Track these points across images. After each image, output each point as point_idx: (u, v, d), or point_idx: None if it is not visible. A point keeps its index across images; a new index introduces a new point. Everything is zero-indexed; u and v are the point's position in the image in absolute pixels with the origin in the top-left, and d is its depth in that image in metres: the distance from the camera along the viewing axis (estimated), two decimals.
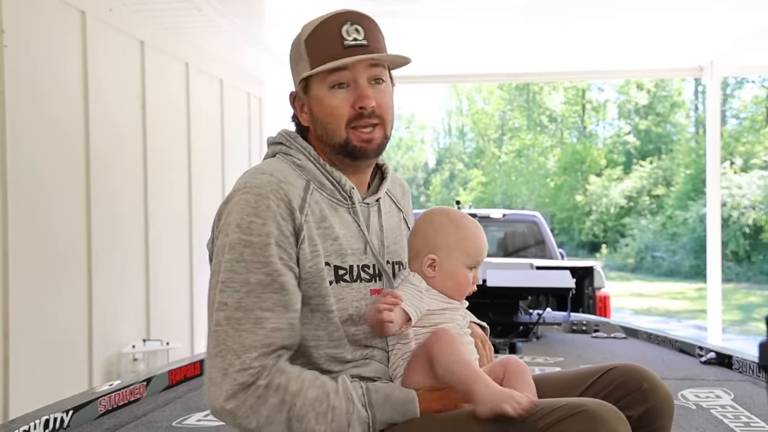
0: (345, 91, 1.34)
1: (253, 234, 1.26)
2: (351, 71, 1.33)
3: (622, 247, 23.69)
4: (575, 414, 1.12)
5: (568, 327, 4.21)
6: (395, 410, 1.26)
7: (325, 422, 1.22)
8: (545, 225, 6.82)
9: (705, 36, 6.11)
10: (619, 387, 1.33)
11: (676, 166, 24.29)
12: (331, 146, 1.37)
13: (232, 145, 6.30)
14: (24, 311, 3.58)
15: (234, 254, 1.26)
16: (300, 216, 1.30)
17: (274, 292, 1.25)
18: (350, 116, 1.34)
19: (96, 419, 2.18)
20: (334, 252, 1.33)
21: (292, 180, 1.33)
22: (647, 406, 1.31)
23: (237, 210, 1.28)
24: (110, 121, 4.44)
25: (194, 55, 5.62)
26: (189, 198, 5.53)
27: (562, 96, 29.01)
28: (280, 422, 1.22)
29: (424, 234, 1.41)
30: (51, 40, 3.92)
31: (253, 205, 1.27)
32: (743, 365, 2.94)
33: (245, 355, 1.22)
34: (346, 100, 1.34)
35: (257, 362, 1.23)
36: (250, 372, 1.22)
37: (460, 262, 1.38)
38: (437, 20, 5.49)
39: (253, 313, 1.24)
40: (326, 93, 1.35)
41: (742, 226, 19.38)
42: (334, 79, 1.34)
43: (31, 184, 3.70)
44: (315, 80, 1.36)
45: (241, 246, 1.26)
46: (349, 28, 1.34)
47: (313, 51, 1.35)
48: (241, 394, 1.22)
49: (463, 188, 30.20)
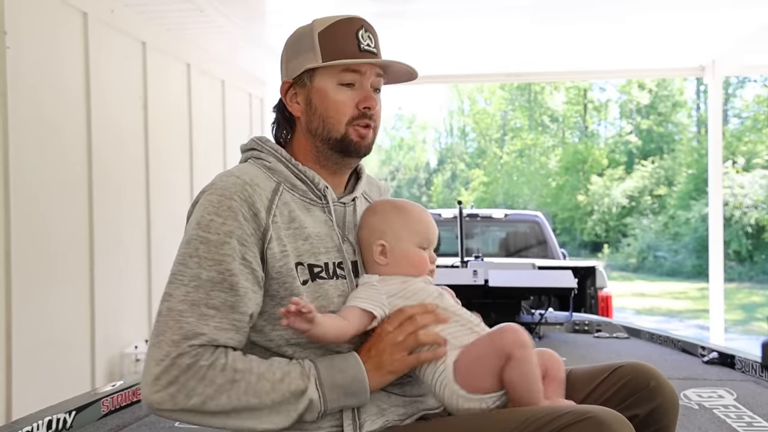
0: (351, 90, 1.38)
1: (211, 232, 1.27)
2: (362, 74, 1.38)
3: (624, 246, 23.67)
4: (581, 421, 1.12)
5: (571, 327, 4.21)
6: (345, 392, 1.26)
7: (280, 388, 1.22)
8: (547, 225, 6.81)
9: (706, 35, 6.11)
10: (626, 385, 1.33)
11: (678, 166, 24.26)
12: (324, 139, 1.39)
13: (233, 145, 6.30)
14: (26, 312, 3.59)
15: (189, 249, 1.27)
16: (266, 217, 1.31)
17: (223, 291, 1.25)
18: (353, 114, 1.38)
19: (99, 420, 2.18)
20: (306, 251, 1.33)
21: (260, 182, 1.34)
22: (654, 405, 1.31)
23: (200, 209, 1.30)
24: (112, 122, 4.44)
25: (196, 56, 5.63)
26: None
27: (564, 96, 28.99)
28: (232, 402, 1.20)
29: (369, 225, 1.41)
30: (53, 41, 3.92)
31: (215, 204, 1.29)
32: (746, 365, 2.93)
33: (185, 343, 1.21)
34: (351, 99, 1.37)
35: (199, 349, 1.21)
36: (191, 354, 1.20)
37: (410, 242, 1.38)
38: (439, 21, 5.49)
39: (199, 308, 1.23)
40: (333, 88, 1.37)
41: (744, 226, 19.35)
42: (345, 77, 1.37)
43: (34, 184, 3.70)
44: (323, 73, 1.38)
45: (198, 242, 1.27)
46: (364, 34, 1.39)
47: (328, 45, 1.37)
48: (182, 379, 1.19)
49: (465, 188, 30.19)
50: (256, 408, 1.22)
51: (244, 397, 1.21)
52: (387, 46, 1.51)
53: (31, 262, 3.64)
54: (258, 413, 1.22)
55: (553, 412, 1.15)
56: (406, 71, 1.42)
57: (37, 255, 3.71)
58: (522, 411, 1.20)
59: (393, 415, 1.32)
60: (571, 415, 1.13)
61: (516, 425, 1.16)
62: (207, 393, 1.19)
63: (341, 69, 1.36)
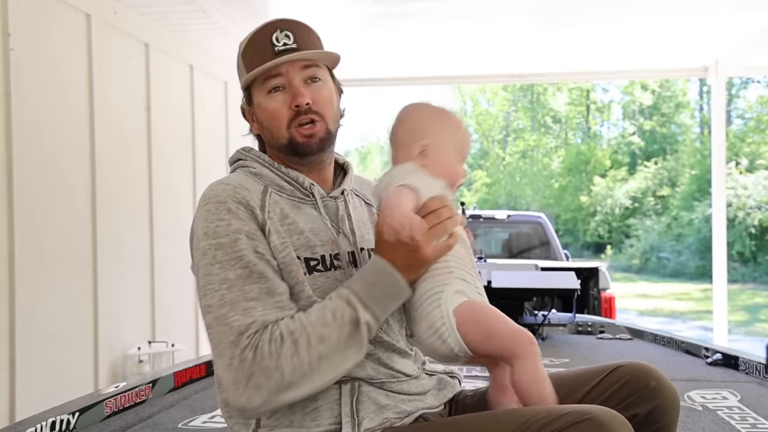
0: (282, 94, 1.40)
1: (221, 236, 1.29)
2: (285, 75, 1.40)
3: (627, 248, 23.65)
4: (581, 421, 1.11)
5: (574, 328, 4.21)
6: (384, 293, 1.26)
7: (337, 325, 1.22)
8: (550, 226, 6.81)
9: (710, 36, 6.09)
10: (626, 385, 1.33)
11: (681, 167, 24.24)
12: (278, 148, 1.43)
13: (236, 146, 6.21)
14: (30, 313, 3.59)
15: (207, 259, 1.30)
16: (261, 213, 1.34)
17: (255, 282, 1.27)
18: (289, 117, 1.40)
19: (102, 421, 2.18)
20: (302, 245, 1.35)
21: (249, 186, 1.38)
22: (654, 404, 1.31)
23: (201, 222, 1.33)
24: (115, 124, 4.45)
25: (199, 57, 5.63)
26: (194, 200, 5.54)
27: (567, 97, 28.98)
28: (305, 360, 1.21)
29: (410, 125, 1.38)
30: (56, 42, 3.93)
31: (214, 212, 1.32)
32: (750, 366, 2.93)
33: (242, 338, 1.22)
34: (283, 103, 1.40)
35: (255, 335, 1.22)
36: (250, 344, 1.21)
37: (451, 149, 1.36)
38: (441, 22, 5.48)
39: (239, 305, 1.25)
40: (265, 98, 1.42)
41: (747, 227, 19.33)
42: (269, 84, 1.40)
43: (37, 186, 3.71)
44: (255, 89, 1.44)
45: (213, 250, 1.29)
46: (279, 35, 1.41)
47: (248, 61, 1.43)
48: (255, 368, 1.20)
49: (468, 189, 30.18)
50: (329, 354, 1.22)
51: (313, 350, 1.21)
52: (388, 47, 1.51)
53: (34, 263, 3.65)
54: (334, 358, 1.23)
55: (554, 413, 1.15)
56: (326, 55, 1.43)
57: (40, 256, 3.72)
58: (522, 412, 1.20)
59: (391, 412, 1.32)
60: (572, 415, 1.13)
61: (517, 426, 1.15)
62: (282, 365, 1.20)
63: (263, 78, 1.40)
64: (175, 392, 2.62)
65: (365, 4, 4.88)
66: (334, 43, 1.52)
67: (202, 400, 2.53)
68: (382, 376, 1.35)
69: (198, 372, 2.84)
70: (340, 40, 1.65)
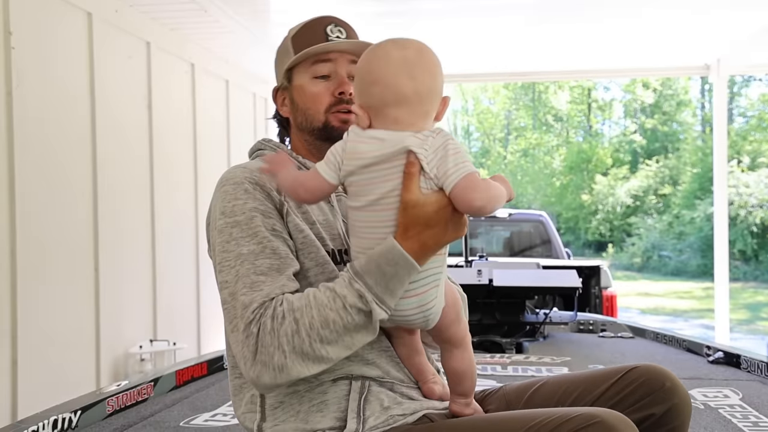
0: (326, 81, 1.44)
1: (237, 214, 1.31)
2: (333, 63, 1.44)
3: (629, 246, 23.62)
4: (589, 425, 1.11)
5: (575, 326, 4.20)
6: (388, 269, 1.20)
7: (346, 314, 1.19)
8: (551, 224, 6.81)
9: (711, 34, 6.08)
10: (642, 385, 1.34)
11: (683, 165, 24.21)
12: (310, 131, 1.46)
13: (237, 145, 6.30)
14: (31, 311, 3.60)
15: (223, 237, 1.31)
16: (278, 195, 1.35)
17: (267, 258, 1.27)
18: (330, 102, 1.43)
19: (104, 419, 2.18)
20: (315, 235, 1.36)
21: None
22: (670, 405, 1.33)
23: (218, 202, 1.35)
24: (116, 122, 4.45)
25: (200, 56, 5.63)
26: (195, 198, 5.54)
27: (568, 95, 28.95)
28: (305, 341, 1.18)
29: (434, 72, 1.24)
30: (58, 41, 3.93)
31: (231, 192, 1.34)
32: (751, 365, 2.93)
33: (247, 313, 1.22)
34: (327, 89, 1.44)
35: (260, 310, 1.21)
36: (255, 319, 1.21)
37: None
38: (442, 20, 5.48)
39: (249, 278, 1.25)
40: (308, 82, 1.45)
41: (749, 225, 19.30)
42: (317, 69, 1.44)
43: (39, 184, 3.71)
44: (298, 71, 1.46)
45: (229, 228, 1.31)
46: (333, 29, 1.47)
47: (299, 44, 1.45)
48: (259, 344, 1.19)
49: None
50: (333, 340, 1.20)
51: (315, 333, 1.19)
52: None
53: (36, 262, 3.65)
54: (339, 342, 1.20)
55: (561, 417, 1.14)
56: None
57: (41, 255, 3.72)
58: (529, 415, 1.20)
59: (396, 411, 1.32)
60: (579, 419, 1.12)
61: (524, 430, 1.15)
62: (282, 344, 1.19)
63: (312, 62, 1.44)
64: (176, 391, 2.62)
65: (365, 2, 4.87)
66: None
67: (203, 398, 2.53)
68: (393, 379, 1.36)
69: (199, 370, 2.84)
70: None
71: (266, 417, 1.34)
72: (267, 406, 1.34)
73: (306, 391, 1.31)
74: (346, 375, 1.31)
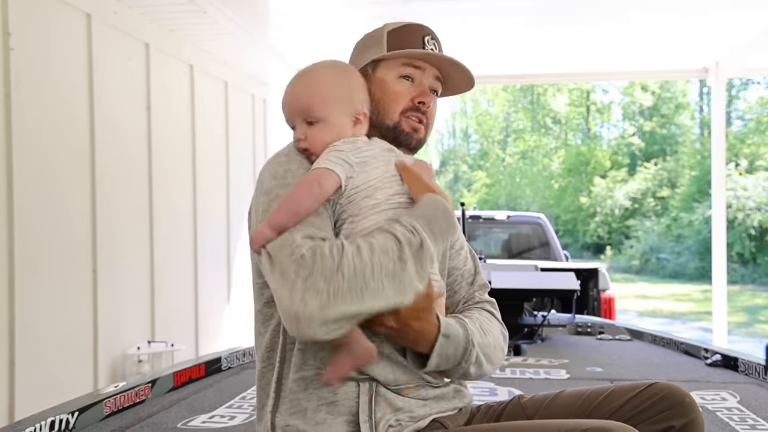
0: (410, 84, 1.46)
1: (288, 178, 1.30)
2: (422, 71, 1.46)
3: (627, 248, 23.64)
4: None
5: (573, 329, 4.20)
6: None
7: (403, 245, 1.22)
8: (549, 227, 6.81)
9: (710, 37, 6.10)
10: (662, 399, 1.36)
11: (681, 168, 24.24)
12: (378, 127, 1.45)
13: (236, 146, 6.30)
14: (29, 313, 3.59)
15: (270, 196, 1.29)
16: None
17: (310, 215, 1.25)
18: (407, 106, 1.45)
19: (101, 421, 2.18)
20: None
21: None
22: (689, 419, 1.35)
23: (271, 168, 1.35)
24: (115, 123, 4.45)
25: (199, 57, 5.64)
26: (194, 199, 5.54)
27: (567, 98, 28.98)
28: (368, 265, 1.18)
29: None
30: (56, 42, 3.93)
31: (284, 162, 1.34)
32: (749, 367, 2.93)
33: (296, 248, 1.19)
34: (408, 92, 1.45)
35: (312, 243, 1.20)
36: (309, 248, 1.18)
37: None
38: (441, 22, 5.47)
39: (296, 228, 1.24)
40: (393, 79, 1.45)
41: (747, 228, 19.32)
42: (405, 71, 1.45)
43: (37, 185, 3.71)
44: (387, 65, 1.46)
45: (278, 188, 1.29)
46: (430, 40, 1.50)
47: (394, 41, 1.47)
48: (315, 269, 1.15)
49: (468, 190, 30.18)
50: (392, 270, 1.20)
51: (376, 257, 1.19)
52: None
53: (34, 262, 3.65)
54: (397, 275, 1.20)
55: (572, 429, 1.15)
56: (465, 78, 1.50)
57: (39, 256, 3.72)
58: (539, 426, 1.21)
59: (406, 415, 1.32)
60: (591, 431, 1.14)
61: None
62: (343, 266, 1.16)
63: (403, 62, 1.45)
64: (174, 392, 2.62)
65: (365, 5, 4.88)
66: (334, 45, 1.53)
67: (201, 400, 2.53)
68: (400, 382, 1.34)
69: (197, 372, 2.84)
70: (339, 42, 1.66)
71: (279, 406, 1.33)
72: (282, 395, 1.33)
73: (315, 388, 1.31)
74: (353, 376, 1.31)
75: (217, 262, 6.03)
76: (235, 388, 2.70)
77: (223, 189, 6.10)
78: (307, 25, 5.43)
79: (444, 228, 1.29)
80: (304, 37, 5.72)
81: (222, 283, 6.15)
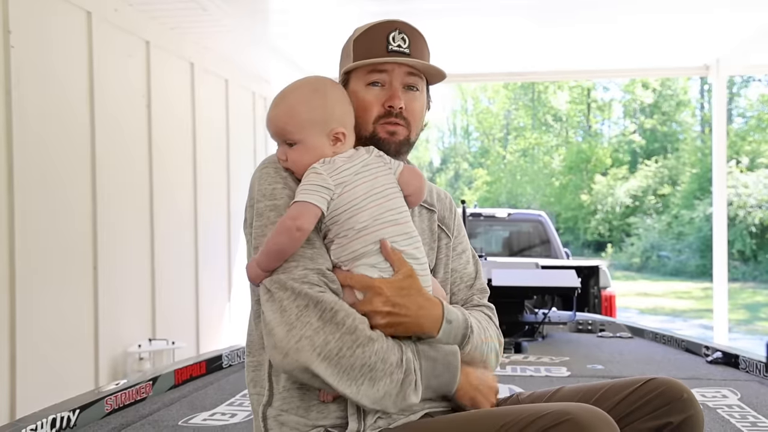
0: (379, 90, 1.43)
1: (276, 198, 1.35)
2: (388, 74, 1.43)
3: (628, 246, 23.63)
4: (561, 423, 1.11)
5: (574, 326, 4.21)
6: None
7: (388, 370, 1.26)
8: (550, 224, 6.80)
9: (711, 34, 6.09)
10: (661, 395, 1.35)
11: (682, 165, 24.22)
12: (359, 137, 1.44)
13: (237, 143, 6.30)
14: (30, 311, 3.60)
15: (262, 221, 1.35)
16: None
17: (301, 246, 1.30)
18: (379, 113, 1.43)
19: (102, 418, 2.18)
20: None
21: None
22: (687, 415, 1.34)
23: (260, 183, 1.38)
24: (115, 121, 4.45)
25: (199, 55, 5.63)
26: (194, 197, 5.54)
27: (567, 95, 28.95)
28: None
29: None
30: (57, 40, 3.93)
31: (272, 174, 1.38)
32: (750, 365, 2.93)
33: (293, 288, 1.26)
34: (378, 98, 1.43)
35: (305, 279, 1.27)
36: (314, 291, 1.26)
37: None
38: (442, 20, 5.48)
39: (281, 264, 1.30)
40: (362, 89, 1.44)
41: (748, 225, 19.31)
42: (371, 77, 1.43)
43: (38, 183, 3.71)
44: (355, 76, 1.45)
45: (268, 210, 1.34)
46: (396, 35, 1.44)
47: (359, 49, 1.45)
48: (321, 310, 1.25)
49: (468, 187, 30.17)
50: (372, 363, 1.26)
51: (358, 351, 1.25)
52: None
53: (34, 260, 3.65)
54: (375, 372, 1.25)
55: (533, 414, 1.15)
56: (432, 69, 1.45)
57: (40, 253, 3.72)
58: (502, 412, 1.21)
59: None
60: (551, 416, 1.12)
61: (496, 427, 1.16)
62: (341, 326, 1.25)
63: (368, 70, 1.43)
64: (175, 390, 2.62)
65: (363, 2, 4.87)
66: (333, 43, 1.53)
67: (202, 397, 2.53)
68: None
69: (198, 369, 2.84)
70: (338, 39, 1.65)
71: (272, 402, 1.35)
72: (275, 391, 1.35)
73: (308, 388, 1.32)
74: None
75: (218, 259, 6.04)
76: (236, 386, 2.70)
77: (224, 187, 6.10)
78: (307, 23, 5.43)
79: (443, 385, 1.34)
80: (305, 35, 5.71)
81: (223, 280, 6.15)
